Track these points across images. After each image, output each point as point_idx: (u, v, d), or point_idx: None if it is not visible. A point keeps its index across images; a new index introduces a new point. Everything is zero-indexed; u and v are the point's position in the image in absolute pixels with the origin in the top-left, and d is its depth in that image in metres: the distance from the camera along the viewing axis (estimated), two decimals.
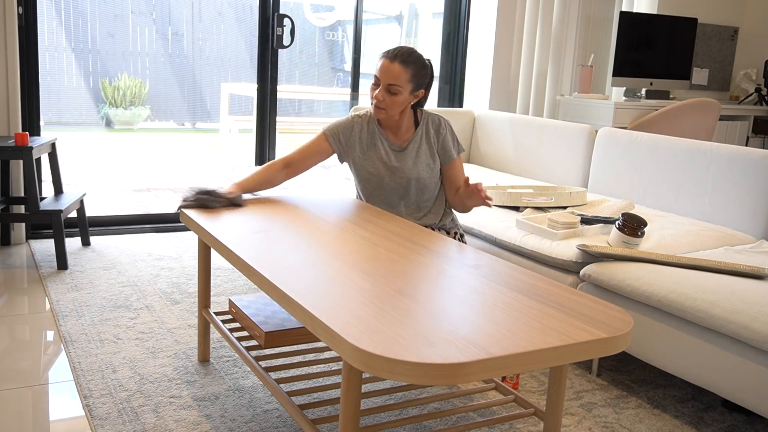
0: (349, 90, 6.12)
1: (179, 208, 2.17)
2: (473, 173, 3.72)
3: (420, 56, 2.35)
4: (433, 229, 2.46)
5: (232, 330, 2.13)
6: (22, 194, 3.43)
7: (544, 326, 1.36)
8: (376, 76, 2.32)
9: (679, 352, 2.02)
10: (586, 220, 2.61)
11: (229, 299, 2.15)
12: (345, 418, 1.41)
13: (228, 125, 6.60)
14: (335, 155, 2.45)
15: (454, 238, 2.55)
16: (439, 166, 2.44)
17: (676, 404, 2.19)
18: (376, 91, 2.31)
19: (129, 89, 8.56)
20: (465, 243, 2.54)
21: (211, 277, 2.85)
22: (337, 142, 2.40)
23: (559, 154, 3.53)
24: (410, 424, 1.95)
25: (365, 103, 6.46)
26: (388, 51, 2.33)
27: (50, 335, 2.44)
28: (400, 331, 1.29)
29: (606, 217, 2.61)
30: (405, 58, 2.30)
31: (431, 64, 2.42)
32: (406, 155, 2.40)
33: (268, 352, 2.30)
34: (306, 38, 8.48)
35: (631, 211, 2.82)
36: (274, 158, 4.12)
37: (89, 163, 6.59)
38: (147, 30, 8.46)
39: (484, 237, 2.73)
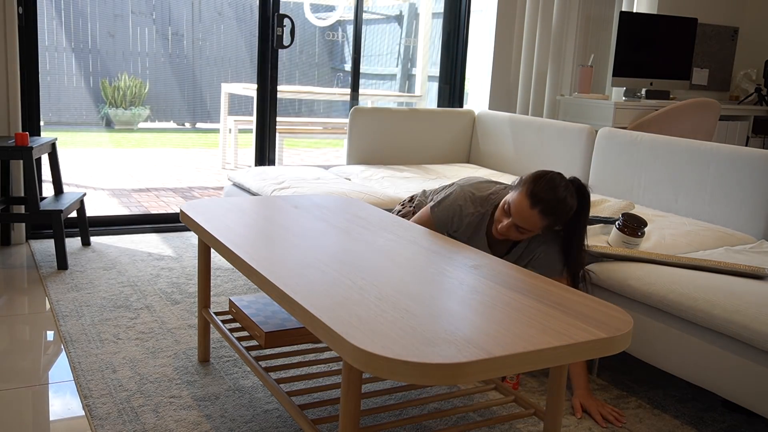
0: (349, 90, 6.12)
1: None
2: (473, 173, 3.72)
3: (566, 206, 2.01)
4: None
5: (232, 330, 2.13)
6: (22, 194, 3.43)
7: (544, 326, 1.36)
8: (509, 204, 2.04)
9: (679, 352, 2.02)
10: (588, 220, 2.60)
11: (229, 299, 2.15)
12: (345, 418, 1.41)
13: (228, 125, 6.60)
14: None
15: None
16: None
17: (676, 404, 2.19)
18: (504, 222, 2.04)
19: (129, 89, 8.56)
20: None
21: (211, 277, 2.85)
22: (443, 228, 2.21)
23: (559, 154, 3.53)
24: (410, 424, 1.95)
25: (365, 103, 6.46)
26: (533, 189, 1.99)
27: (50, 335, 2.44)
28: (400, 331, 1.29)
29: (606, 217, 2.61)
30: (547, 208, 1.98)
31: (582, 201, 2.06)
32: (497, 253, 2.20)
33: (268, 352, 2.30)
34: (306, 38, 8.49)
35: (631, 211, 2.82)
36: (274, 158, 4.12)
37: (89, 163, 6.60)
38: (147, 30, 8.46)
39: None
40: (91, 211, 4.45)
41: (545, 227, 2.04)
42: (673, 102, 4.43)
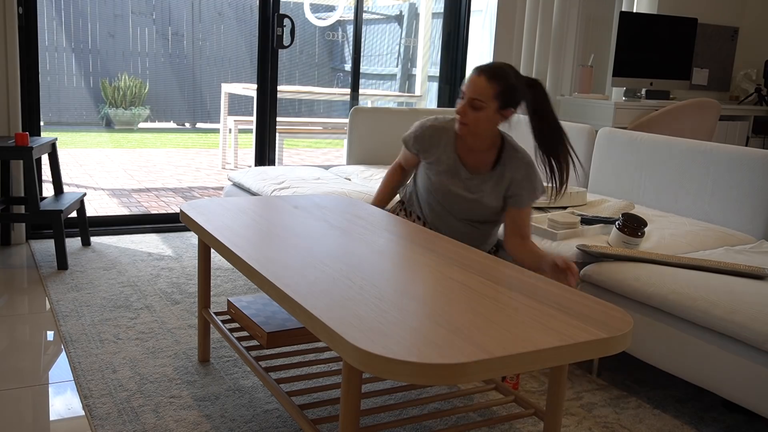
0: (349, 90, 6.12)
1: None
2: None
3: (511, 74, 2.12)
4: None
5: (232, 330, 2.13)
6: (23, 194, 3.43)
7: (544, 326, 1.36)
8: (462, 90, 2.17)
9: (679, 352, 2.02)
10: (586, 220, 2.61)
11: (228, 300, 2.15)
12: (345, 418, 1.41)
13: (228, 125, 6.60)
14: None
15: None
16: (502, 207, 2.28)
17: (676, 404, 2.19)
18: (460, 105, 2.15)
19: (129, 89, 8.56)
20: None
21: (211, 277, 2.85)
22: (419, 149, 2.31)
23: None
24: (410, 424, 1.95)
25: (365, 103, 6.45)
26: (479, 65, 2.15)
27: (50, 335, 2.44)
28: (400, 331, 1.29)
29: (606, 217, 2.61)
30: (492, 73, 2.10)
31: (533, 84, 2.18)
32: (473, 186, 2.25)
33: (268, 352, 2.30)
34: (306, 38, 8.49)
35: (631, 211, 2.82)
36: (274, 158, 4.12)
37: (89, 163, 6.60)
38: (147, 30, 8.46)
39: None
40: (91, 211, 4.45)
41: (497, 95, 2.10)
42: (673, 102, 4.43)
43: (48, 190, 3.67)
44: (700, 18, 5.05)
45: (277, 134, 4.12)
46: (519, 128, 3.81)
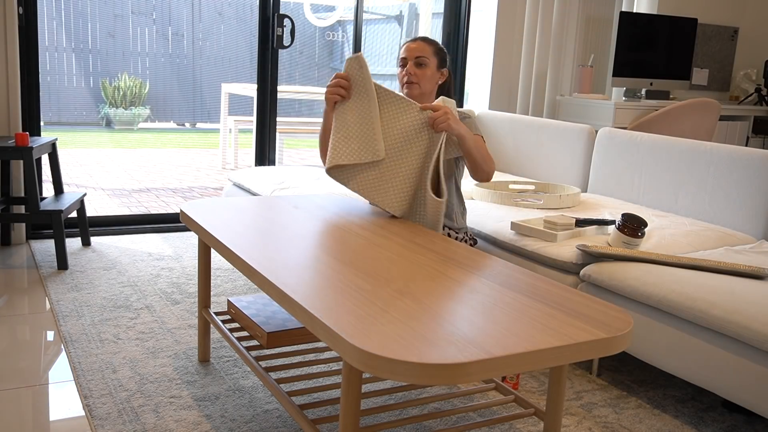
0: None
1: None
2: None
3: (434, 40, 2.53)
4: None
5: (232, 330, 2.13)
6: (23, 194, 3.43)
7: (544, 326, 1.36)
8: (403, 58, 2.40)
9: (679, 352, 2.02)
10: (580, 222, 2.61)
11: (228, 300, 2.15)
12: (345, 418, 1.41)
13: (228, 125, 6.60)
14: None
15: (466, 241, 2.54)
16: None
17: (676, 404, 2.19)
18: (406, 68, 2.39)
19: (129, 89, 8.57)
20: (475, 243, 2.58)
21: (211, 277, 2.85)
22: None
23: (559, 154, 3.53)
24: (410, 424, 1.95)
25: None
26: (407, 39, 2.48)
27: (50, 335, 2.44)
28: (400, 331, 1.29)
29: (600, 219, 2.61)
30: (424, 38, 2.45)
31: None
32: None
33: (268, 352, 2.30)
34: (306, 38, 8.49)
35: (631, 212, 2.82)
36: (274, 158, 4.12)
37: (89, 163, 6.60)
38: (147, 30, 8.47)
39: (484, 237, 2.73)
40: (91, 211, 4.45)
41: (436, 53, 2.39)
42: (673, 102, 4.43)
43: (48, 190, 3.67)
44: (700, 18, 5.05)
45: (277, 134, 4.12)
46: (519, 127, 3.81)
